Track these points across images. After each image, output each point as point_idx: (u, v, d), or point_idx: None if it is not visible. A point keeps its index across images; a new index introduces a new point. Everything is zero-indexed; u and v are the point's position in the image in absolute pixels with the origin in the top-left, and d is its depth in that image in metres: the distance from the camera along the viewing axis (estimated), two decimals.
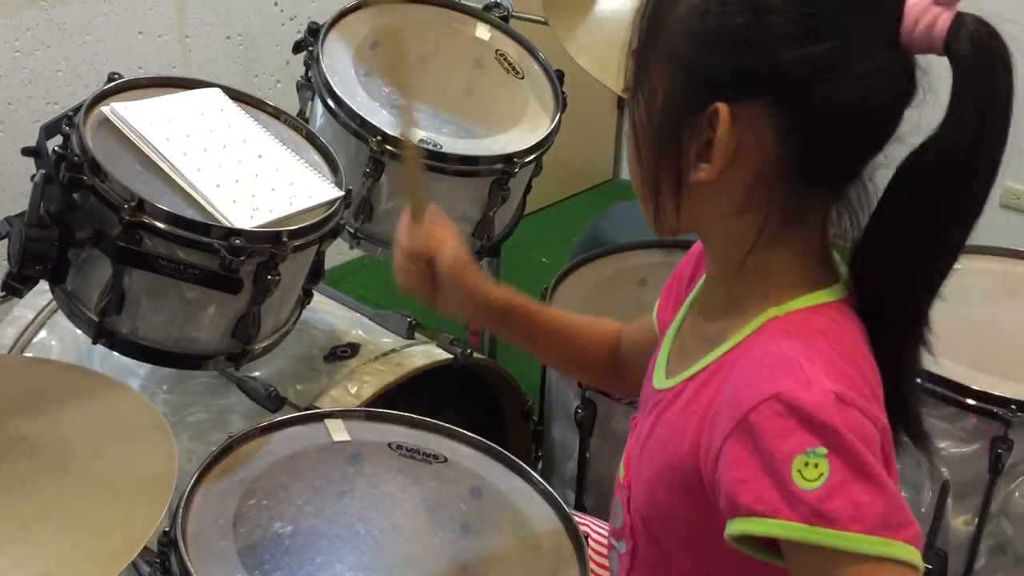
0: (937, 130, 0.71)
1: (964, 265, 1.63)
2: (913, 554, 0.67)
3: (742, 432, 0.69)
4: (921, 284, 0.76)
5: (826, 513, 0.65)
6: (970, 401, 1.32)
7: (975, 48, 0.68)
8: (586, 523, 1.17)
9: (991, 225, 0.80)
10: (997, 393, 1.32)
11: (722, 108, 0.71)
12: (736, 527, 0.69)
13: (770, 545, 0.70)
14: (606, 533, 1.15)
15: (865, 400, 0.70)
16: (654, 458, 0.82)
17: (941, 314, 0.79)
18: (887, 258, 0.75)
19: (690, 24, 0.73)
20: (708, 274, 0.86)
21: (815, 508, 0.66)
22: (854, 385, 0.71)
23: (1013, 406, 1.30)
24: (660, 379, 0.86)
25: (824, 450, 0.66)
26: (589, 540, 1.12)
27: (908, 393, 0.79)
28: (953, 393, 1.32)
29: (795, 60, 0.69)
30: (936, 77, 0.72)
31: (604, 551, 1.12)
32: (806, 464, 0.66)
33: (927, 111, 0.73)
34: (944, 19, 0.68)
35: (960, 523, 1.39)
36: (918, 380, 0.80)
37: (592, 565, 1.09)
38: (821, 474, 0.66)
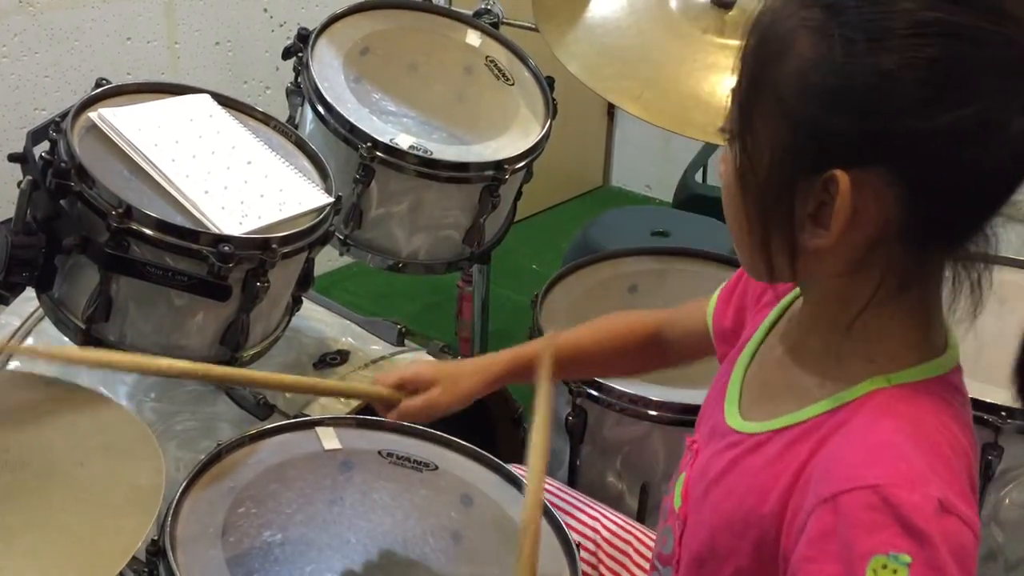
0: None
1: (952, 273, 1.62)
2: None
3: (827, 512, 0.65)
4: None
5: None
6: None
7: None
8: (596, 514, 1.15)
9: None
10: (987, 400, 1.31)
11: (842, 177, 0.65)
12: None
13: None
14: (618, 522, 1.13)
15: (967, 504, 0.66)
16: (726, 504, 0.77)
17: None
18: None
19: (807, 80, 0.66)
20: (802, 314, 0.80)
21: None
22: (958, 483, 0.66)
23: (1003, 413, 1.30)
24: (734, 416, 0.81)
25: (909, 559, 0.62)
26: (581, 548, 1.11)
27: None
28: None
29: (925, 128, 0.63)
30: None
31: (597, 552, 1.12)
32: (884, 566, 0.62)
33: None
34: None
35: None
36: None
37: (586, 567, 1.09)
38: None
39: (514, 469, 1.14)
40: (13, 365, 1.48)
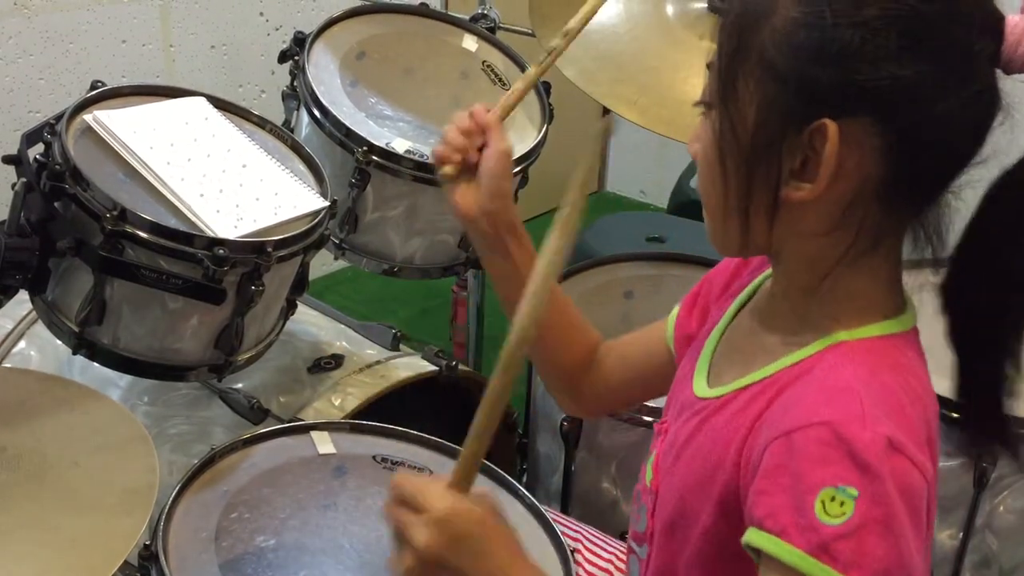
0: None
1: None
2: None
3: (781, 446, 0.68)
4: (1019, 305, 0.74)
5: (832, 551, 0.64)
6: (955, 415, 1.32)
7: None
8: (578, 532, 1.15)
9: None
10: None
11: (830, 125, 0.68)
12: (747, 536, 0.69)
13: None
14: (599, 541, 1.14)
15: (918, 448, 0.68)
16: (693, 464, 0.79)
17: (927, 328, 0.79)
18: (985, 279, 0.74)
19: (792, 37, 0.70)
20: (774, 286, 0.83)
21: (824, 542, 0.64)
22: (912, 429, 0.69)
23: None
24: (702, 386, 0.84)
25: (855, 491, 0.65)
26: (577, 553, 1.11)
27: (1003, 413, 0.79)
28: None
29: (905, 77, 0.67)
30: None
31: (598, 561, 1.12)
32: (832, 498, 0.65)
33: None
34: None
35: (945, 537, 1.39)
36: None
37: (582, 573, 1.08)
38: (844, 513, 0.64)
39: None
40: (8, 364, 1.47)
